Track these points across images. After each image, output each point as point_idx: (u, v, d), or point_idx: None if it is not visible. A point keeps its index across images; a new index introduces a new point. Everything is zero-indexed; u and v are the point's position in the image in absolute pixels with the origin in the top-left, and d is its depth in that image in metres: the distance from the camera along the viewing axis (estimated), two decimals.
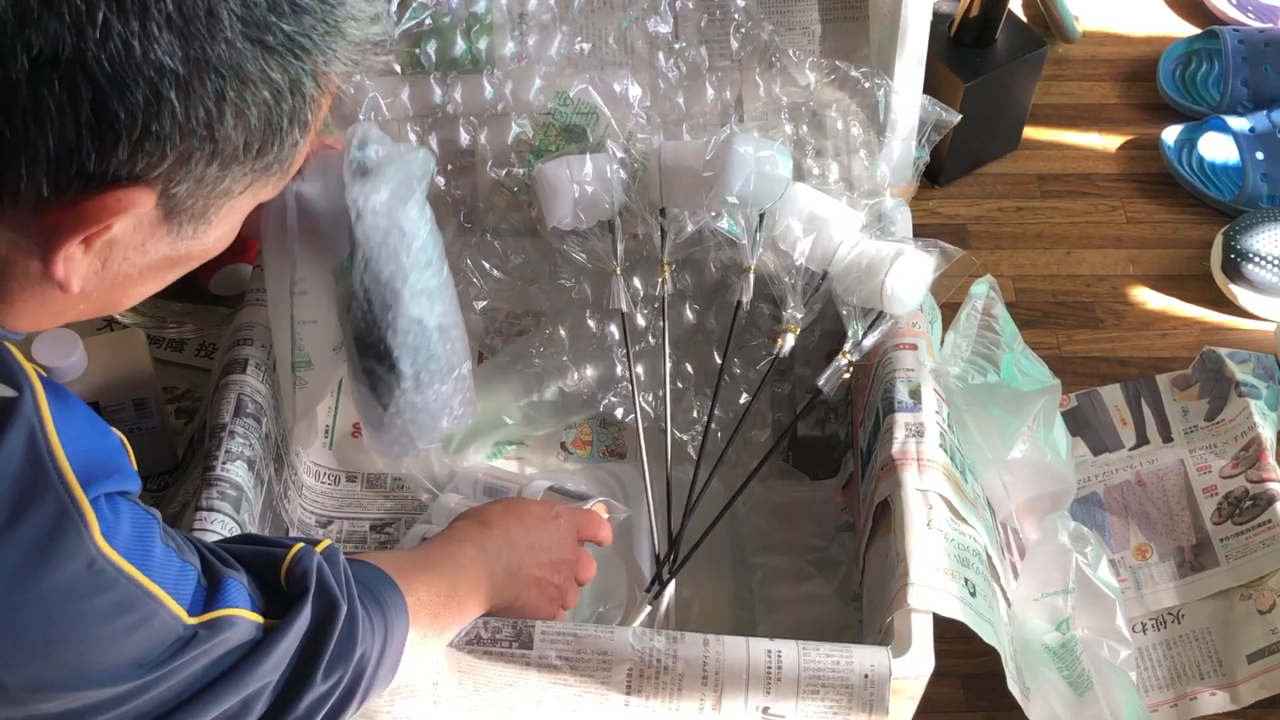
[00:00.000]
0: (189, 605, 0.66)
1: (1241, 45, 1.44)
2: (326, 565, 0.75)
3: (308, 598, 0.72)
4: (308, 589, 0.73)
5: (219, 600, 0.68)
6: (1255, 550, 1.11)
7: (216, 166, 0.60)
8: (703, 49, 1.14)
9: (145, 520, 0.65)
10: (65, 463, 0.60)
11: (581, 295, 1.17)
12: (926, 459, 0.97)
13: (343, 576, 0.75)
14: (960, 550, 0.94)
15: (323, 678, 0.72)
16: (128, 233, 0.61)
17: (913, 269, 1.03)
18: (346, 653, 0.74)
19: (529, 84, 1.13)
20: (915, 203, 1.19)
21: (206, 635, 0.66)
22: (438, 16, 1.11)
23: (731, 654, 0.87)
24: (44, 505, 0.59)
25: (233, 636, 0.68)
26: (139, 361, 1.08)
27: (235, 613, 0.69)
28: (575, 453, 1.17)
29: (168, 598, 0.64)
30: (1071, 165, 1.43)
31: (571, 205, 1.09)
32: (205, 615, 0.67)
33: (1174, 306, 1.32)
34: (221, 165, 0.60)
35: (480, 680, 0.88)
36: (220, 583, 0.69)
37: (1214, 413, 1.20)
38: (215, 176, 0.61)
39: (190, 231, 0.63)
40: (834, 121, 1.15)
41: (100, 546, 0.61)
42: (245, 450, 0.97)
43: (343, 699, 0.75)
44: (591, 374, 1.17)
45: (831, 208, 1.07)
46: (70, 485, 0.60)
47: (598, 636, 0.88)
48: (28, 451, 0.59)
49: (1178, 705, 1.07)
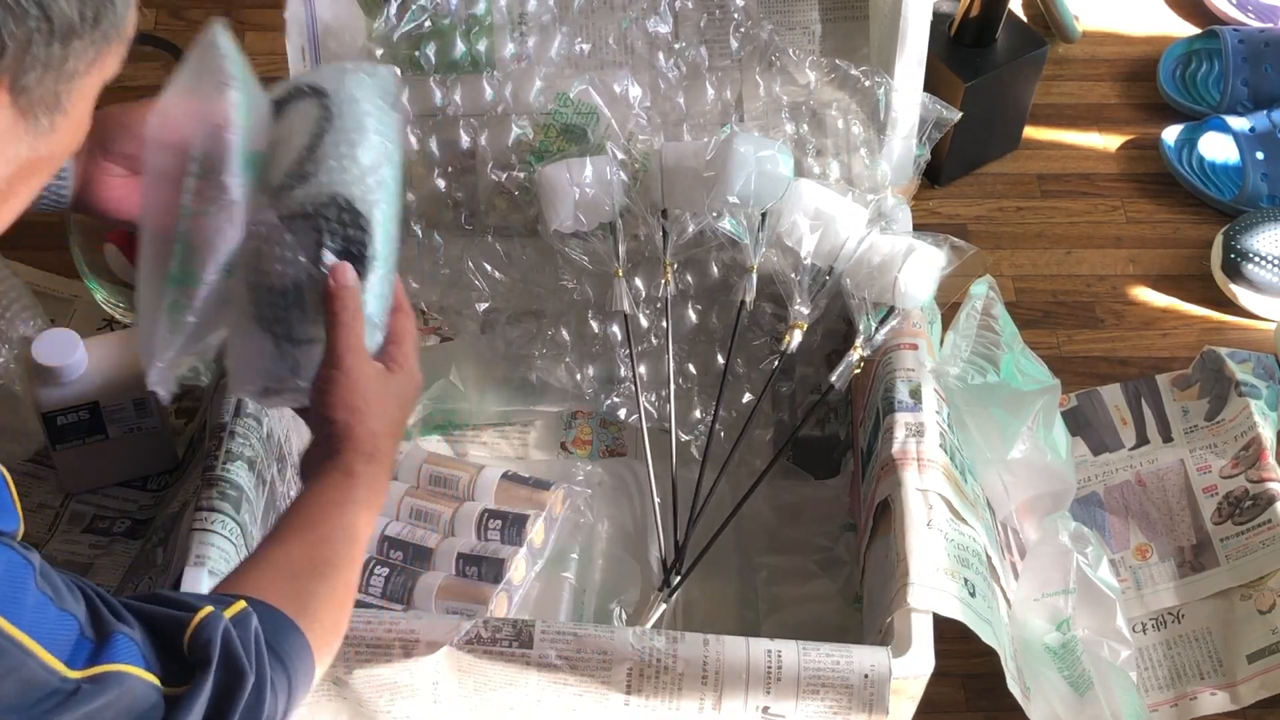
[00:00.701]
0: (67, 658, 0.62)
1: (1241, 45, 1.44)
2: (235, 631, 0.69)
3: (210, 667, 0.67)
4: (210, 658, 0.68)
5: (106, 655, 0.64)
6: (1255, 550, 1.11)
7: (58, 46, 0.59)
8: (703, 49, 1.14)
9: (18, 564, 0.61)
10: None
11: (583, 296, 1.17)
12: (926, 459, 0.97)
13: (252, 643, 0.70)
14: (960, 550, 0.94)
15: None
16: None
17: (925, 264, 1.04)
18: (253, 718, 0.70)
19: (529, 85, 1.13)
20: (915, 202, 1.19)
21: (92, 691, 0.62)
22: (437, 18, 1.11)
23: (731, 654, 0.87)
24: None
25: (124, 696, 0.64)
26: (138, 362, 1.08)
27: (125, 669, 0.64)
28: (575, 452, 1.17)
29: (37, 647, 0.61)
30: (1071, 165, 1.43)
31: (572, 208, 1.10)
32: (89, 670, 0.63)
33: (1174, 306, 1.32)
34: (63, 43, 0.59)
35: (480, 679, 0.88)
36: (109, 637, 0.64)
37: (1214, 413, 1.20)
38: (59, 57, 0.60)
39: (47, 125, 0.61)
40: (834, 120, 1.15)
41: None
42: (246, 450, 0.97)
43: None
44: (594, 375, 1.17)
45: (838, 204, 1.08)
46: None
47: (598, 636, 0.88)
48: None
49: (1178, 705, 1.07)
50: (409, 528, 1.08)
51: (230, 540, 0.92)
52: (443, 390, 1.16)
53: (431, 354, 1.20)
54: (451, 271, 1.17)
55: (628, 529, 1.11)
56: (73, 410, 1.06)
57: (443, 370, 1.16)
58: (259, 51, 1.49)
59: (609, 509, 1.13)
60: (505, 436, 1.19)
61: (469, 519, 1.08)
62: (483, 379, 1.18)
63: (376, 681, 0.87)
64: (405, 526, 1.08)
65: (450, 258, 1.17)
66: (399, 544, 1.06)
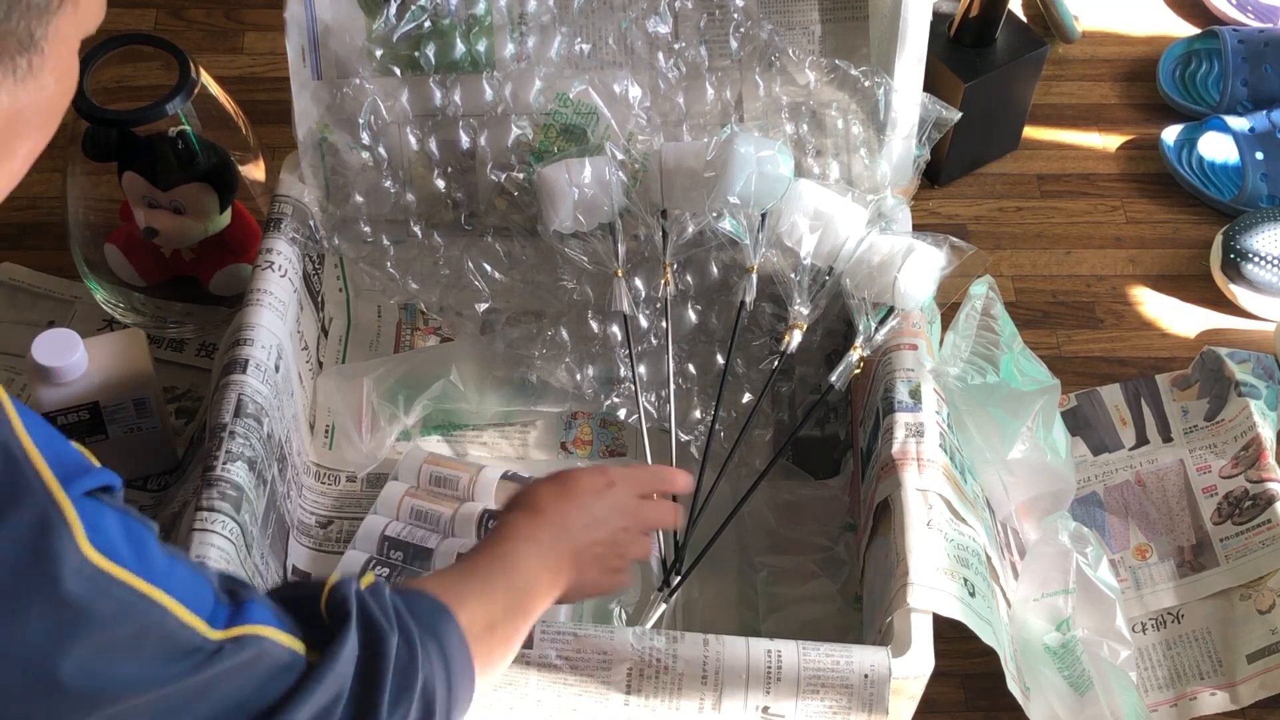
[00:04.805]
0: (207, 617, 0.63)
1: (1241, 45, 1.44)
2: (370, 595, 0.71)
3: (351, 622, 0.69)
4: (349, 614, 0.69)
5: (244, 618, 0.64)
6: (1255, 550, 1.11)
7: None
8: (703, 49, 1.14)
9: (136, 526, 0.62)
10: (41, 460, 0.57)
11: (583, 297, 1.17)
12: (926, 459, 0.97)
13: (389, 606, 0.72)
14: (960, 550, 0.94)
15: (389, 710, 0.68)
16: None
17: (925, 264, 1.04)
18: (409, 682, 0.70)
19: (529, 85, 1.13)
20: (915, 203, 1.19)
21: (233, 650, 0.63)
22: (437, 19, 1.11)
23: (731, 654, 0.87)
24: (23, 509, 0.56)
25: (265, 657, 0.64)
26: (139, 361, 1.08)
27: (264, 632, 0.65)
28: (575, 452, 1.17)
29: (175, 604, 0.61)
30: (1071, 165, 1.43)
31: (571, 208, 1.10)
32: (230, 631, 0.63)
33: (1174, 306, 1.32)
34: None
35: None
36: (245, 602, 0.65)
37: (1214, 413, 1.20)
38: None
39: (26, 67, 0.60)
40: (834, 120, 1.15)
41: (84, 550, 0.57)
42: (246, 450, 0.97)
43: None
44: (594, 375, 1.17)
45: (837, 204, 1.08)
46: (48, 484, 0.57)
47: (598, 636, 0.88)
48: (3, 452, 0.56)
49: (1177, 705, 1.07)
50: (409, 528, 1.08)
51: (230, 540, 0.92)
52: (443, 390, 1.16)
53: (431, 354, 1.20)
54: (451, 271, 1.17)
55: None
56: (73, 410, 1.06)
57: (443, 370, 1.16)
58: (259, 51, 1.49)
59: None
60: (505, 436, 1.19)
61: (469, 519, 1.08)
62: (483, 379, 1.18)
63: None
64: (406, 527, 1.08)
65: (450, 258, 1.17)
66: (399, 544, 1.06)
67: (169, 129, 1.12)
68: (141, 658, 0.60)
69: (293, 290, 1.10)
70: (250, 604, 0.66)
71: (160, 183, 1.13)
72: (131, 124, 1.10)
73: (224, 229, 1.19)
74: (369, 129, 1.12)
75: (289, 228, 1.12)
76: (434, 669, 0.73)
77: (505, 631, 0.81)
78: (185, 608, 0.62)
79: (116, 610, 0.59)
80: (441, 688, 0.73)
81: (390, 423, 1.14)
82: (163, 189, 1.13)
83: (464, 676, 0.75)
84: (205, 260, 1.20)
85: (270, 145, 1.24)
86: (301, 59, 1.11)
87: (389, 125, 1.13)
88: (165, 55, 1.12)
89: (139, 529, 0.62)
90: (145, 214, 1.15)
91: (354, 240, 1.17)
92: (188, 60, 1.11)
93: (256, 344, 1.03)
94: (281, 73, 1.13)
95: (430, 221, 1.17)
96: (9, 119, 0.61)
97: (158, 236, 1.15)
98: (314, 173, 1.14)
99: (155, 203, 1.14)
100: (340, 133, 1.13)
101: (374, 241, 1.17)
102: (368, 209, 1.16)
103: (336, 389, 1.16)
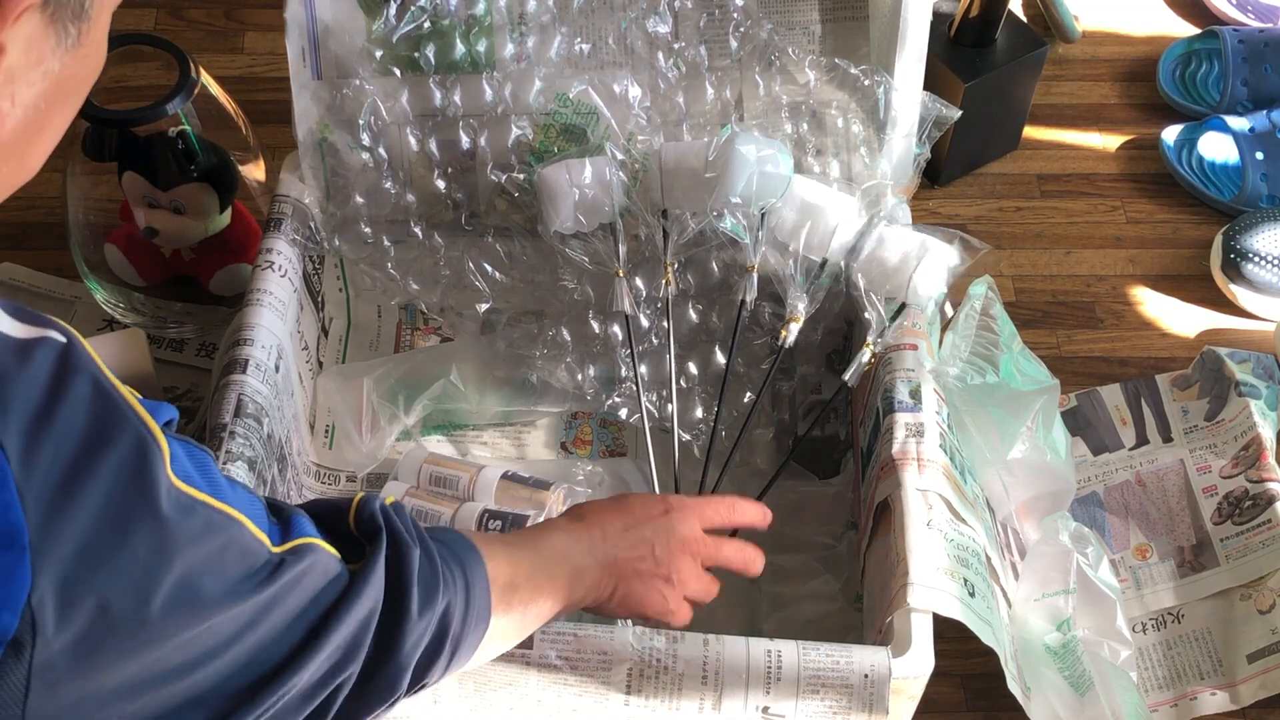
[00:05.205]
0: (267, 532, 0.66)
1: (1241, 45, 1.44)
2: (394, 511, 0.75)
3: (382, 534, 0.73)
4: (380, 527, 0.73)
5: (294, 531, 0.68)
6: (1255, 550, 1.11)
7: None
8: (702, 49, 1.14)
9: (198, 452, 0.65)
10: (129, 394, 0.60)
11: (584, 296, 1.17)
12: (926, 459, 0.97)
13: (410, 524, 0.75)
14: (960, 550, 0.94)
15: (418, 614, 0.72)
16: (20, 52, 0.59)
17: (940, 262, 1.04)
18: (432, 594, 0.73)
19: (529, 86, 1.13)
20: (915, 203, 1.19)
21: (293, 561, 0.66)
22: (437, 19, 1.11)
23: (731, 654, 0.87)
24: (124, 436, 0.59)
25: (318, 566, 0.68)
26: (139, 361, 1.08)
27: (314, 541, 0.68)
28: (576, 452, 1.17)
29: (247, 521, 0.64)
30: (1071, 165, 1.43)
31: (571, 209, 1.10)
32: (285, 544, 0.67)
33: (1174, 306, 1.32)
34: None
35: (480, 680, 0.88)
36: (290, 518, 0.69)
37: (1214, 413, 1.20)
38: None
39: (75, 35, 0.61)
40: (834, 119, 1.15)
41: (169, 475, 0.60)
42: (246, 450, 0.97)
43: (434, 647, 0.74)
44: (595, 375, 1.17)
45: (825, 195, 1.08)
46: (141, 414, 0.60)
47: (597, 636, 0.88)
48: (96, 386, 0.59)
49: (1178, 705, 1.07)
50: None
51: None
52: (443, 390, 1.16)
53: (431, 354, 1.20)
54: (452, 272, 1.17)
55: None
56: None
57: (443, 370, 1.16)
58: (259, 51, 1.49)
59: None
60: (506, 436, 1.19)
61: (469, 519, 1.08)
62: (483, 379, 1.18)
63: None
64: None
65: (450, 258, 1.17)
66: None
67: (169, 129, 1.12)
68: (225, 574, 0.63)
69: (293, 290, 1.10)
70: (296, 518, 0.69)
71: (160, 183, 1.13)
72: (131, 124, 1.10)
73: (224, 229, 1.19)
74: (369, 129, 1.12)
75: (289, 228, 1.12)
76: (455, 594, 0.75)
77: (524, 597, 0.82)
78: (253, 523, 0.65)
79: (203, 528, 0.62)
80: (458, 615, 0.75)
81: (390, 423, 1.14)
82: (163, 189, 1.13)
83: (481, 616, 0.78)
84: (205, 260, 1.20)
85: (270, 145, 1.24)
86: (301, 59, 1.11)
87: (389, 126, 1.13)
88: (165, 55, 1.12)
89: (201, 455, 0.65)
90: (145, 214, 1.15)
91: (354, 241, 1.17)
92: (188, 60, 1.11)
93: (256, 344, 1.03)
94: (281, 73, 1.13)
95: (430, 222, 1.17)
96: (57, 85, 0.62)
97: (158, 236, 1.15)
98: (314, 173, 1.14)
99: (155, 203, 1.14)
100: (340, 133, 1.13)
101: (374, 242, 1.17)
102: (368, 209, 1.16)
103: (336, 389, 1.16)
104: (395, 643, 0.71)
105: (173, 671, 0.61)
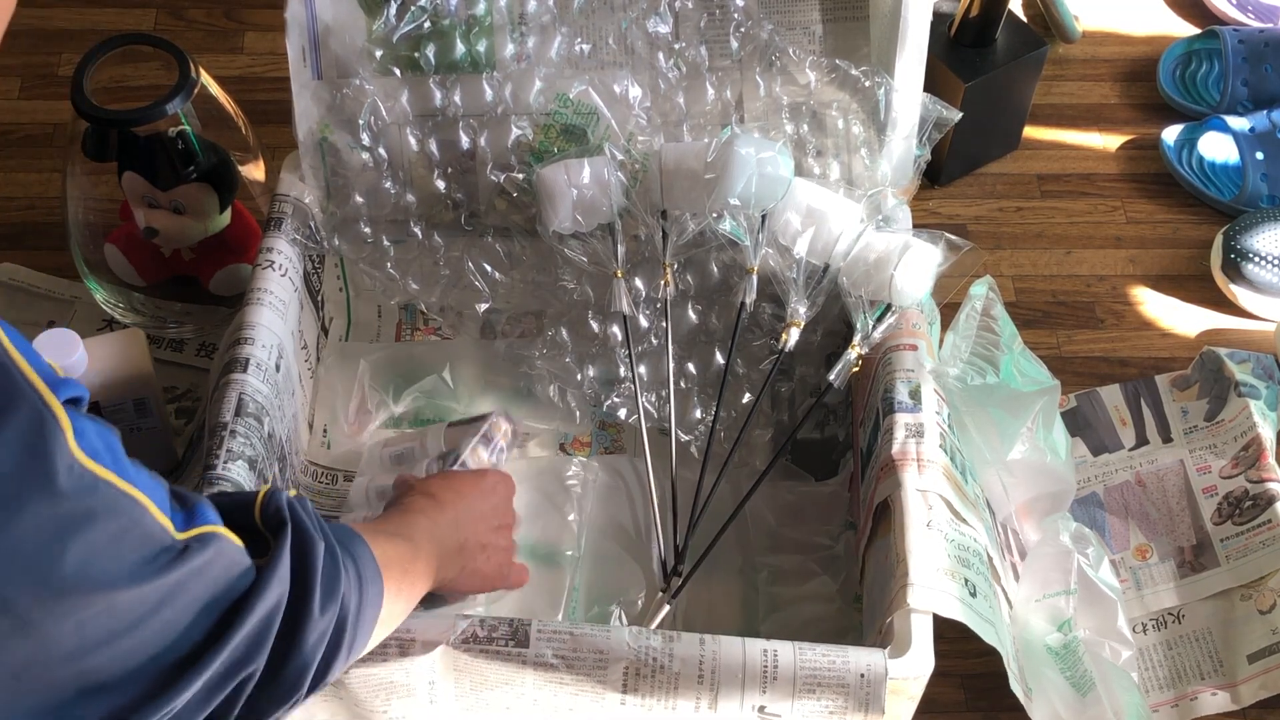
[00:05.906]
0: (169, 517, 0.65)
1: (1241, 45, 1.44)
2: (299, 505, 0.74)
3: (288, 528, 0.72)
4: (285, 520, 0.72)
5: (199, 519, 0.67)
6: (1255, 550, 1.11)
7: None
8: (703, 49, 1.14)
9: (106, 431, 0.63)
10: (29, 367, 0.59)
11: (584, 297, 1.17)
12: (926, 459, 0.97)
13: (315, 518, 0.75)
14: (960, 551, 0.94)
15: (320, 610, 0.72)
16: None
17: (921, 261, 1.04)
18: (333, 587, 0.73)
19: (529, 86, 1.13)
20: (915, 203, 1.19)
21: (198, 549, 0.65)
22: (437, 19, 1.11)
23: (728, 653, 0.87)
24: (19, 410, 0.58)
25: (223, 556, 0.67)
26: (139, 361, 1.08)
27: (218, 530, 0.67)
28: (574, 453, 1.17)
29: (149, 502, 0.63)
30: (1071, 165, 1.43)
31: (570, 209, 1.10)
32: (190, 531, 0.66)
33: (1174, 306, 1.32)
34: None
35: (477, 679, 0.88)
36: (194, 505, 0.68)
37: (1214, 413, 1.20)
38: None
39: None
40: (834, 120, 1.15)
41: (74, 451, 0.59)
42: (246, 450, 0.97)
43: (334, 643, 0.74)
44: (594, 375, 1.17)
45: (830, 200, 1.08)
46: (40, 388, 0.59)
47: (594, 636, 0.88)
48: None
49: (1178, 705, 1.07)
50: None
51: None
52: (434, 385, 1.17)
53: (430, 351, 1.20)
54: (451, 272, 1.17)
55: (626, 529, 1.11)
56: None
57: (440, 365, 1.17)
58: (259, 51, 1.50)
59: (608, 508, 1.13)
60: None
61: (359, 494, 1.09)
62: (477, 381, 1.18)
63: (373, 681, 0.87)
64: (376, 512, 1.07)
65: (450, 258, 1.17)
66: None
67: (169, 129, 1.12)
68: (124, 555, 0.62)
69: (293, 290, 1.10)
70: (200, 505, 0.68)
71: (160, 183, 1.13)
72: (131, 124, 1.10)
73: (224, 229, 1.19)
74: (369, 129, 1.12)
75: (289, 228, 1.12)
76: (350, 588, 0.75)
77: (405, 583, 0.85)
78: (156, 506, 0.64)
79: (104, 507, 0.61)
80: (354, 608, 0.76)
81: (378, 409, 1.15)
82: (163, 189, 1.13)
83: (372, 605, 0.78)
84: (205, 260, 1.20)
85: (270, 145, 1.24)
86: (302, 59, 1.11)
87: (389, 126, 1.13)
88: (165, 55, 1.12)
89: (108, 434, 0.63)
90: (145, 214, 1.15)
91: (354, 240, 1.17)
92: (188, 60, 1.11)
93: (257, 343, 1.03)
94: (281, 73, 1.13)
95: (430, 222, 1.17)
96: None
97: (158, 236, 1.16)
98: (314, 173, 1.15)
99: (155, 203, 1.15)
100: (340, 133, 1.13)
101: (374, 242, 1.17)
102: (368, 209, 1.16)
103: (335, 364, 1.17)
104: (299, 638, 0.71)
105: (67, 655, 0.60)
